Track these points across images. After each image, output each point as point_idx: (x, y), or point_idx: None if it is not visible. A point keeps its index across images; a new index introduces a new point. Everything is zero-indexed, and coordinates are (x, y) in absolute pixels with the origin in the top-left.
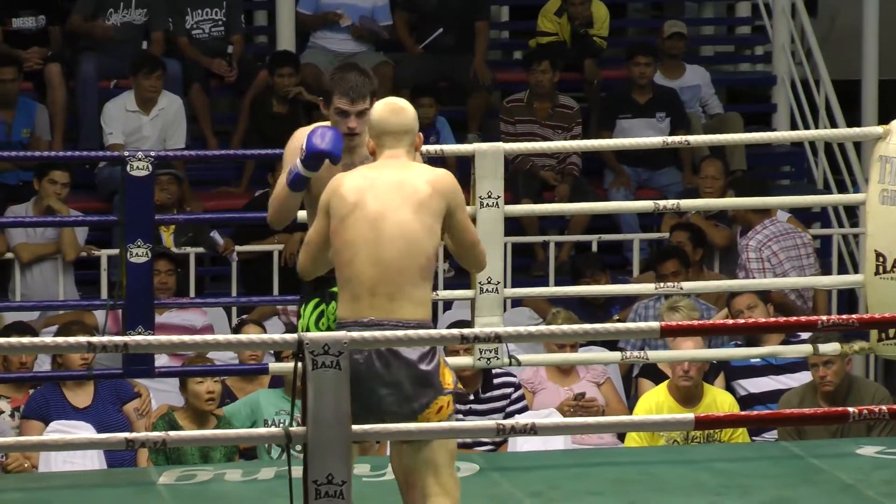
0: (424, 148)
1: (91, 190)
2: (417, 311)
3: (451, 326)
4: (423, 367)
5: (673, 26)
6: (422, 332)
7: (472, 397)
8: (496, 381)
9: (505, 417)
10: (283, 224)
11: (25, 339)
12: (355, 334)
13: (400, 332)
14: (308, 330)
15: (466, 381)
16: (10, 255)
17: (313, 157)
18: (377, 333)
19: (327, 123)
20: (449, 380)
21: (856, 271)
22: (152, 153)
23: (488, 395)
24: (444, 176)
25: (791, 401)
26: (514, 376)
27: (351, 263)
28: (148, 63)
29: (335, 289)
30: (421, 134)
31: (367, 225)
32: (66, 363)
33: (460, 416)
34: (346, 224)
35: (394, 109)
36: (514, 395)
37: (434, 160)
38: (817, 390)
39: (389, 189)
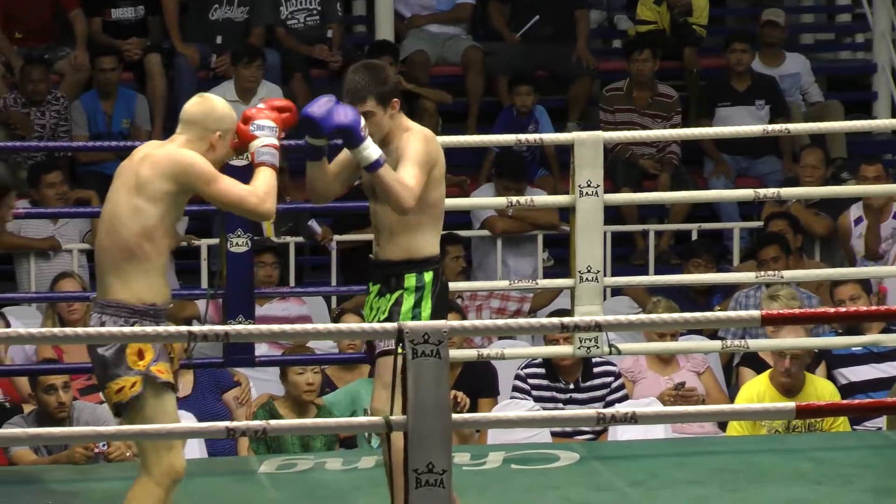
0: (523, 137)
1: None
2: (123, 291)
3: (551, 315)
4: (100, 350)
5: (769, 14)
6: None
7: (571, 385)
8: (596, 370)
9: (605, 406)
10: (318, 197)
11: (126, 329)
12: (442, 323)
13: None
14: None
15: (567, 370)
16: None
17: (303, 121)
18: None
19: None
20: (142, 363)
21: None
22: None
23: (588, 384)
24: (166, 160)
25: None
26: (614, 365)
27: None
28: (248, 53)
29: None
30: (218, 133)
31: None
32: None
33: (560, 404)
34: None
35: (192, 101)
36: (615, 384)
37: (533, 149)
38: None
39: (121, 174)
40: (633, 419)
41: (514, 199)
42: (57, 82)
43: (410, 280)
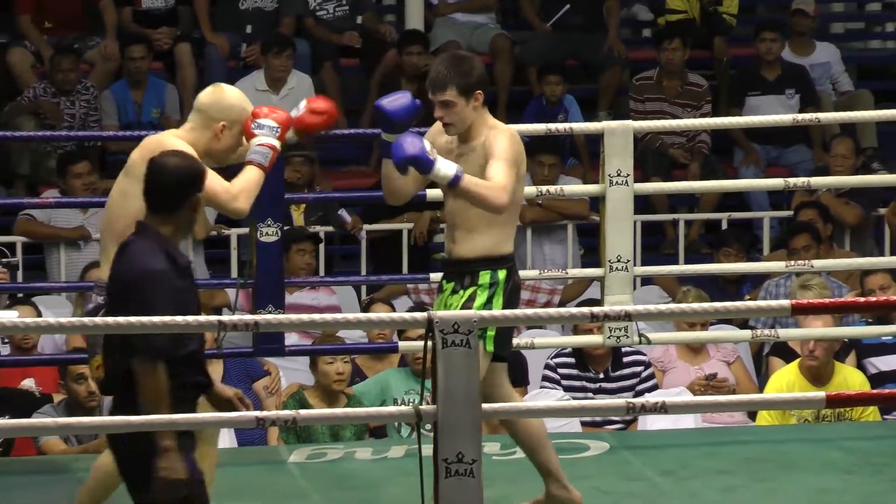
0: (553, 126)
1: (220, 168)
2: (105, 270)
3: (581, 305)
4: None
5: (799, 3)
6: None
7: (601, 375)
8: (626, 359)
9: (635, 396)
10: (392, 195)
11: (156, 318)
12: (472, 312)
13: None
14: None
15: (597, 359)
16: None
17: (376, 113)
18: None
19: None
20: None
21: None
22: None
23: (618, 373)
24: (155, 142)
25: None
26: (644, 355)
27: None
28: (278, 43)
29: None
30: (222, 123)
31: None
32: None
33: (590, 393)
34: None
35: (206, 89)
36: (644, 374)
37: (562, 138)
38: None
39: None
40: (662, 409)
41: (543, 188)
42: (87, 72)
43: (485, 277)
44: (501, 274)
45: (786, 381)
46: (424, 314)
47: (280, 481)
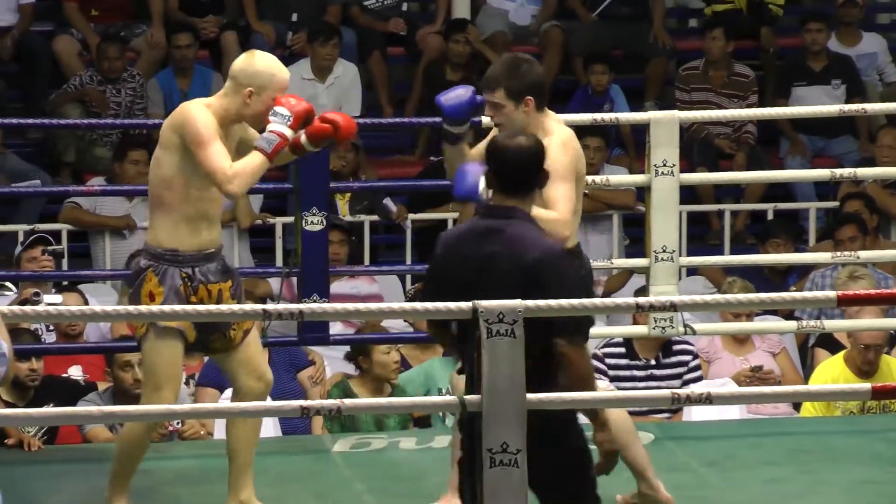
0: (599, 116)
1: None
2: (150, 234)
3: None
4: (131, 290)
5: None
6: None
7: (652, 362)
8: (675, 347)
9: (682, 385)
10: None
11: (202, 307)
12: (517, 302)
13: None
14: None
15: (647, 346)
16: None
17: (437, 108)
18: None
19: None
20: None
21: None
22: None
23: (668, 360)
24: (177, 112)
25: None
26: (692, 344)
27: None
28: (324, 31)
29: None
30: (250, 89)
31: None
32: None
33: (639, 382)
34: None
35: (239, 57)
36: (692, 364)
37: (608, 128)
38: None
39: None
40: (707, 400)
41: (589, 178)
42: (133, 60)
43: None
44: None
45: (831, 372)
46: (469, 304)
47: (324, 471)
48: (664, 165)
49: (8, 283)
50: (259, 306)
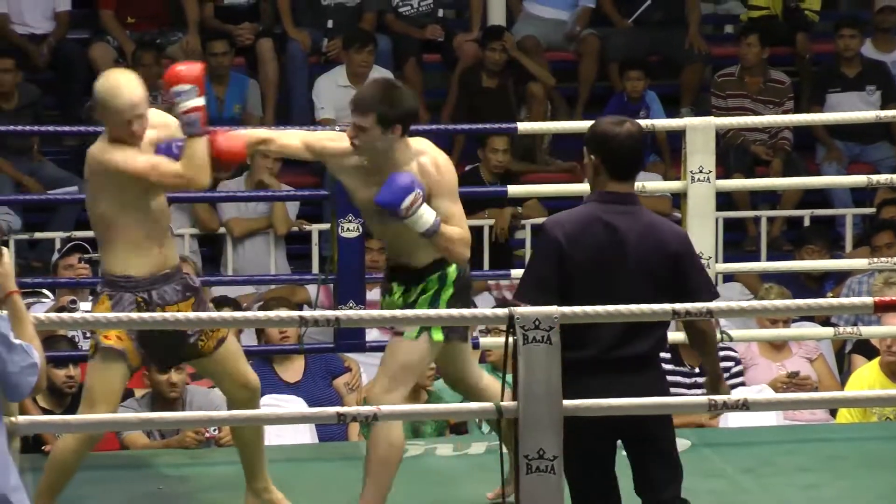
0: None
1: (303, 165)
2: (103, 264)
3: None
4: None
5: (884, 0)
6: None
7: (696, 370)
8: (720, 353)
9: None
10: None
11: (238, 314)
12: (553, 309)
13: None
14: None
15: (691, 353)
16: (222, 229)
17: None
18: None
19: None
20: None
21: None
22: None
23: None
24: (89, 159)
25: None
26: (735, 351)
27: None
28: (360, 38)
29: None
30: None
31: None
32: (268, 338)
33: (683, 388)
34: None
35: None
36: (734, 370)
37: (644, 135)
38: None
39: None
40: (744, 406)
41: None
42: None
43: (433, 280)
44: (451, 269)
45: (866, 378)
46: (506, 310)
47: (361, 477)
48: (700, 172)
49: (45, 291)
50: (295, 313)
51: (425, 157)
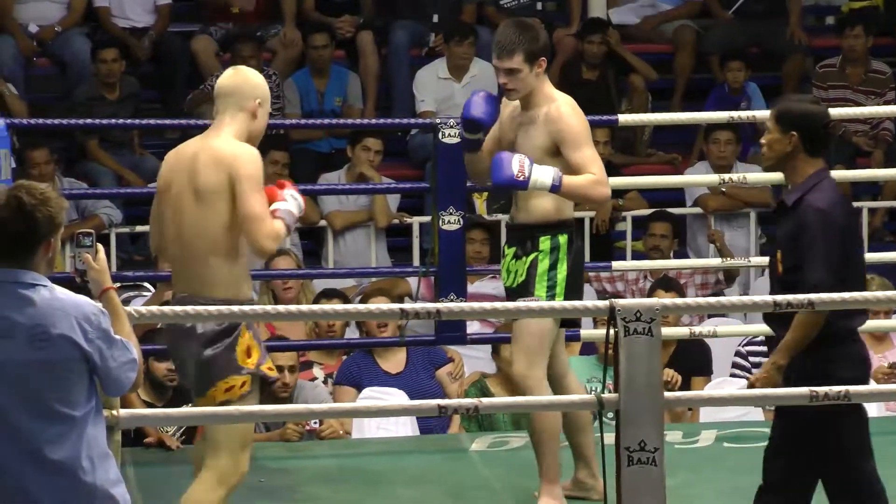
0: (736, 114)
1: (403, 157)
2: (220, 290)
3: None
4: (207, 352)
5: None
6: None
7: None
8: None
9: None
10: (477, 177)
11: (339, 306)
12: (654, 301)
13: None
14: None
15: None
16: (323, 222)
17: (463, 121)
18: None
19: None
20: (250, 361)
21: None
22: None
23: None
24: (221, 154)
25: None
26: None
27: None
28: (460, 31)
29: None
30: (258, 100)
31: None
32: (368, 330)
33: None
34: None
35: (224, 74)
36: None
37: (745, 126)
38: None
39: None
40: (846, 397)
41: (726, 176)
42: (269, 60)
43: (545, 243)
44: (562, 238)
45: None
46: (607, 303)
47: (461, 470)
48: None
49: (146, 284)
50: (396, 305)
51: (555, 104)
